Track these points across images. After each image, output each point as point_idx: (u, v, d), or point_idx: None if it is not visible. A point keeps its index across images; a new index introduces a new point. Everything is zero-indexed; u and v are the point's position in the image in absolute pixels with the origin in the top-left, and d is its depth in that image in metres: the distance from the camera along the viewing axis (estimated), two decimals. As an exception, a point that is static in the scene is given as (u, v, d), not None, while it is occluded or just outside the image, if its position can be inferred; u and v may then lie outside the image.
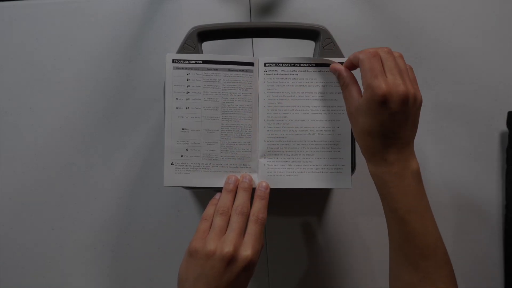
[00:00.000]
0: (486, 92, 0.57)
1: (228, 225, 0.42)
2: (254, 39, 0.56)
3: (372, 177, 0.42)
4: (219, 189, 0.46)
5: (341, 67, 0.43)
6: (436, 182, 0.56)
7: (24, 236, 0.56)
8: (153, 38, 0.56)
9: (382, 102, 0.38)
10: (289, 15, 0.57)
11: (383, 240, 0.45)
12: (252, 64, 0.46)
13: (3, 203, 0.56)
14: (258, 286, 0.57)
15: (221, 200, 0.44)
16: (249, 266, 0.40)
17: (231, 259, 0.39)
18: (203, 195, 0.56)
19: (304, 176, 0.46)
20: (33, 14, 0.57)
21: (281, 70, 0.46)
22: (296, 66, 0.46)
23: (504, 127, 0.56)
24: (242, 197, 0.44)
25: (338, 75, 0.44)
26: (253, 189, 0.46)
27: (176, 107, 0.45)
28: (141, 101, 0.56)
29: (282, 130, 0.46)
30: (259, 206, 0.43)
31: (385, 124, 0.39)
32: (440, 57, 0.57)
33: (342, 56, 0.46)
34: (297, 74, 0.46)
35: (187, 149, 0.45)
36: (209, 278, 0.39)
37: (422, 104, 0.56)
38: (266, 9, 0.57)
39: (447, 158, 0.56)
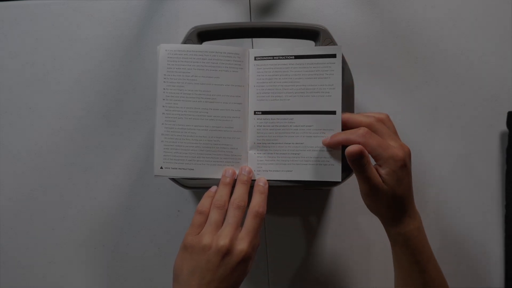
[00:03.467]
0: (486, 92, 0.57)
1: (224, 219, 0.42)
2: (254, 39, 0.56)
3: (392, 239, 0.43)
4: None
5: (363, 148, 0.41)
6: (436, 182, 0.56)
7: (24, 236, 0.56)
8: (153, 38, 0.56)
9: (403, 166, 0.41)
10: (289, 15, 0.57)
11: (383, 240, 0.45)
12: (238, 55, 0.46)
13: (3, 203, 0.56)
14: (258, 286, 0.57)
15: (218, 194, 0.44)
16: (245, 260, 0.40)
17: (226, 252, 0.39)
18: (203, 195, 0.56)
19: (293, 168, 0.46)
20: (33, 14, 0.57)
21: (272, 64, 0.46)
22: (288, 59, 0.46)
23: (504, 127, 0.56)
24: (240, 191, 0.44)
25: (362, 157, 0.40)
26: (252, 181, 0.46)
27: (164, 99, 0.46)
28: (141, 101, 0.56)
29: (272, 122, 0.46)
30: (258, 200, 0.43)
31: (408, 184, 0.42)
32: (440, 57, 0.57)
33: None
34: (288, 67, 0.46)
35: (177, 140, 0.46)
36: (203, 271, 0.39)
37: (422, 103, 0.57)
38: (266, 9, 0.57)
39: (447, 158, 0.56)
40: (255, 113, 0.47)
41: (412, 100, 0.57)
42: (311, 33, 0.47)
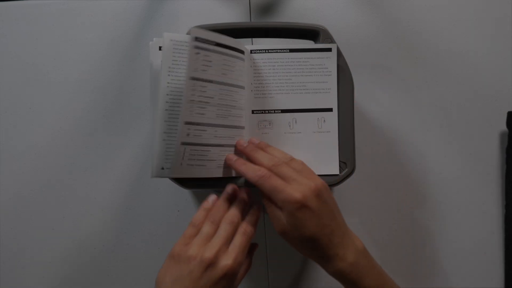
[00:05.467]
0: (486, 92, 0.57)
1: (216, 233, 0.42)
2: (254, 39, 0.56)
3: (333, 277, 0.42)
4: (215, 188, 0.46)
5: (236, 188, 0.44)
6: (436, 182, 0.56)
7: (24, 236, 0.56)
8: (153, 38, 0.56)
9: (302, 207, 0.39)
10: (289, 15, 0.57)
11: (382, 240, 0.45)
12: (242, 52, 0.46)
13: (3, 203, 0.56)
14: (258, 286, 0.57)
15: (215, 209, 0.43)
16: (228, 276, 0.39)
17: (210, 264, 0.39)
18: (203, 195, 0.56)
19: None
20: (33, 14, 0.57)
21: (267, 58, 0.46)
22: (283, 52, 0.46)
23: (504, 127, 0.56)
24: (235, 209, 0.43)
25: (263, 200, 0.43)
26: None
27: (167, 94, 0.42)
28: (141, 101, 0.56)
29: (269, 119, 0.46)
30: (249, 219, 0.43)
31: (319, 225, 0.40)
32: (440, 57, 0.57)
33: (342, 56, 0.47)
34: (283, 61, 0.46)
35: (200, 136, 0.44)
36: (186, 282, 0.38)
37: (422, 103, 0.57)
38: (266, 9, 0.57)
39: (447, 158, 0.56)
40: (253, 112, 0.47)
41: (412, 100, 0.57)
42: (311, 33, 0.47)
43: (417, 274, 0.56)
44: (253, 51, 0.46)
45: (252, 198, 0.45)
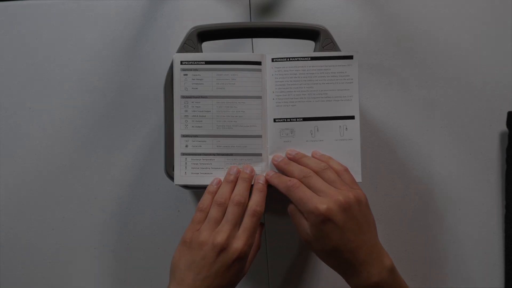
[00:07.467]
0: (486, 92, 0.57)
1: (223, 216, 0.42)
2: (254, 39, 0.56)
3: None
4: None
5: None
6: (436, 182, 0.56)
7: (24, 236, 0.56)
8: (153, 38, 0.56)
9: (326, 220, 0.39)
10: (289, 15, 0.57)
11: (381, 240, 0.45)
12: (259, 63, 0.46)
13: (3, 203, 0.56)
14: (258, 286, 0.57)
15: (220, 191, 0.44)
16: (240, 258, 0.40)
17: (222, 249, 0.40)
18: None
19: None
20: (33, 14, 0.57)
21: (288, 66, 0.46)
22: (304, 60, 0.46)
23: (504, 127, 0.56)
24: (240, 187, 0.44)
25: (288, 209, 0.43)
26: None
27: (186, 110, 0.45)
28: (141, 101, 0.56)
29: (290, 128, 0.46)
30: (256, 199, 0.43)
31: (342, 239, 0.39)
32: (440, 57, 0.57)
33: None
34: (304, 69, 0.46)
35: (200, 146, 0.46)
36: (199, 267, 0.40)
37: (422, 103, 0.57)
38: (266, 9, 0.57)
39: (447, 158, 0.56)
40: (274, 120, 0.46)
41: (412, 100, 0.57)
42: (311, 33, 0.47)
43: (417, 274, 0.56)
44: (274, 60, 0.46)
45: (255, 173, 0.45)
